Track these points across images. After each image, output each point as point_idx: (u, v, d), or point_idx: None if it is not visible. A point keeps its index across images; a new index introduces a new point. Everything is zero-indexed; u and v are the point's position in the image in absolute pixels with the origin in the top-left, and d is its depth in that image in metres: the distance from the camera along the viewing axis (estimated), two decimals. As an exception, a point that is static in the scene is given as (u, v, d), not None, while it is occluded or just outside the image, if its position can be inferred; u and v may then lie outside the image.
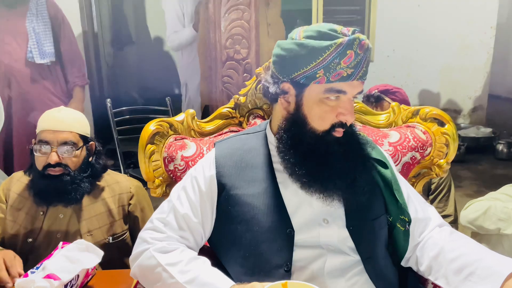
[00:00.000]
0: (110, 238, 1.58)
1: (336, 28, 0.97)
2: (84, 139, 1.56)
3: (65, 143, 1.49)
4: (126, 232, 1.64)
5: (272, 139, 1.09)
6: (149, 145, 1.28)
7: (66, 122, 1.51)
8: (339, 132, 1.00)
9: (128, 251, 1.63)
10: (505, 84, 7.18)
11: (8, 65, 2.52)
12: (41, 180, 1.51)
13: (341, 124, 1.00)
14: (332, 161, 1.00)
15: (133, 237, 1.67)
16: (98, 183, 1.60)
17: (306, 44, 0.95)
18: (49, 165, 1.48)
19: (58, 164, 1.48)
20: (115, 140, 2.92)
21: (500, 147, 4.51)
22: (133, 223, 1.66)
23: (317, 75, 0.95)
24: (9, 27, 2.51)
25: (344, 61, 0.93)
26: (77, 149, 1.51)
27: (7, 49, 2.51)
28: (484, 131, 4.89)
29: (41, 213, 1.53)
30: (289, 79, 0.99)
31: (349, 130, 1.03)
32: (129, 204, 1.63)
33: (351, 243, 1.03)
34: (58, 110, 1.55)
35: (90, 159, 1.58)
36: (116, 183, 1.64)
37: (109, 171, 1.67)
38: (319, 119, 0.99)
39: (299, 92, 1.00)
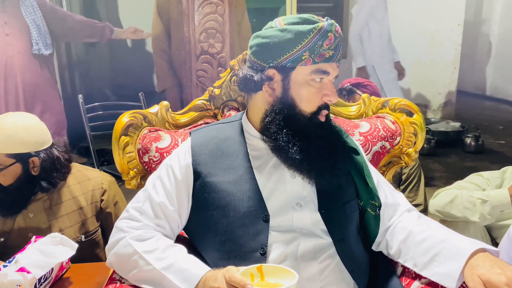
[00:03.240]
0: (83, 236, 1.56)
1: (313, 15, 1.03)
2: (17, 156, 1.44)
3: None
4: (98, 229, 1.62)
5: (249, 128, 1.11)
6: (123, 137, 1.28)
7: None
8: (323, 116, 1.05)
9: (100, 248, 1.62)
10: (472, 80, 7.41)
11: (11, 57, 2.49)
12: None
13: (326, 106, 1.05)
14: (318, 143, 1.04)
15: (105, 233, 1.64)
16: (67, 180, 1.56)
17: (290, 29, 1.00)
18: None
19: None
20: (88, 137, 2.88)
21: (468, 140, 4.65)
22: (106, 219, 1.63)
23: (303, 57, 1.00)
24: (6, 18, 2.48)
25: (326, 43, 0.99)
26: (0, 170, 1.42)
27: (8, 40, 2.48)
28: (453, 125, 5.03)
29: None
30: (274, 64, 1.03)
31: (328, 118, 1.09)
32: (102, 200, 1.61)
33: (323, 226, 1.06)
34: None
35: (35, 173, 1.47)
36: (87, 180, 1.61)
37: (80, 167, 1.63)
38: (307, 102, 1.03)
39: (285, 76, 1.03)
